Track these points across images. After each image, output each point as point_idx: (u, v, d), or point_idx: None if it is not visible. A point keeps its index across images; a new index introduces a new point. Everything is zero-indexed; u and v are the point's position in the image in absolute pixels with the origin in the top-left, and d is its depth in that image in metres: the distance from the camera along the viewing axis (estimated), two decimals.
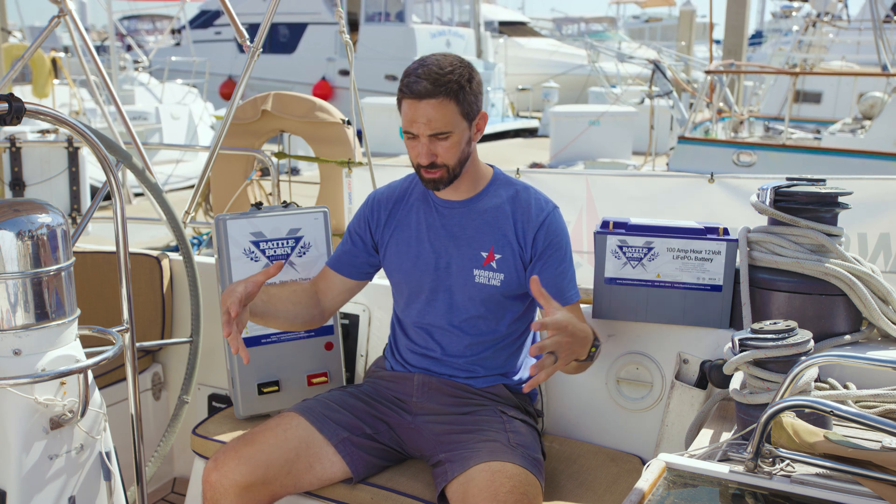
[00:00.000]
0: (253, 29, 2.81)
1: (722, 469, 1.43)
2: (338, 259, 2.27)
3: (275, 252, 2.45)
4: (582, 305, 2.18)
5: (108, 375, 2.73)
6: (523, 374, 2.22)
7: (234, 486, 1.94)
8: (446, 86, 1.93)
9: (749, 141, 10.51)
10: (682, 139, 9.84)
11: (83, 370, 1.69)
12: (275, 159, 4.25)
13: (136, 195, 7.20)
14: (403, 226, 2.18)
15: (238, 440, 2.03)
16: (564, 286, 2.09)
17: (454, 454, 1.98)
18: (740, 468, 1.42)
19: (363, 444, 2.08)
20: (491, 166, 2.20)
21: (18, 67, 3.12)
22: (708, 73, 10.98)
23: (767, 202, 2.09)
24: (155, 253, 3.02)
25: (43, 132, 6.10)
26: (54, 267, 1.69)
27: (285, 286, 2.34)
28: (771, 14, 36.05)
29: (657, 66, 12.28)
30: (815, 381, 1.82)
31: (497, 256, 2.09)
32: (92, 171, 5.56)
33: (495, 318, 2.13)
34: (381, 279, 2.37)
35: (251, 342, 2.45)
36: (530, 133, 20.44)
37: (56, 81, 11.65)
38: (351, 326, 2.73)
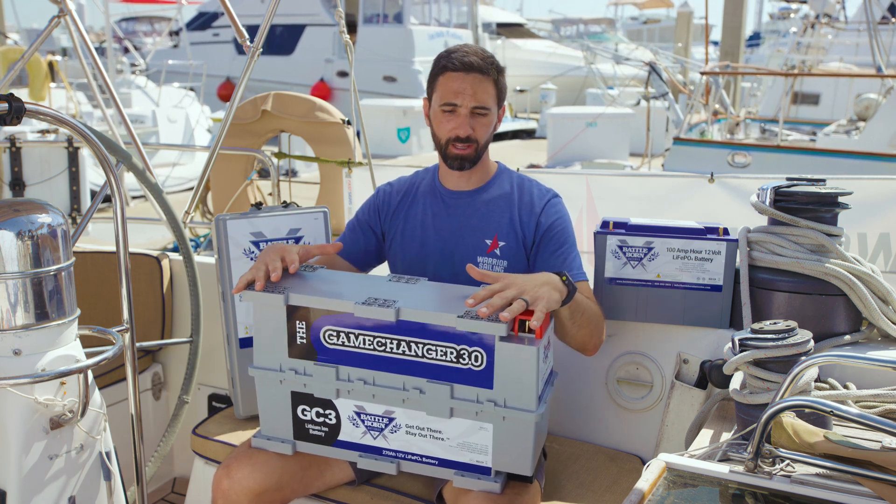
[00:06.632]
0: (251, 30, 2.81)
1: (722, 469, 1.43)
2: (343, 242, 2.26)
3: None
4: None
5: (108, 375, 2.73)
6: None
7: (247, 493, 1.91)
8: (492, 66, 2.05)
9: (744, 142, 10.53)
10: (678, 140, 9.86)
11: (83, 370, 1.69)
12: (275, 159, 4.25)
13: (134, 198, 7.19)
14: (410, 216, 2.22)
15: (249, 445, 2.00)
16: (565, 267, 2.08)
17: None
18: (740, 468, 1.42)
19: None
20: (495, 162, 2.25)
21: (18, 68, 3.11)
22: (703, 74, 11.01)
23: (767, 202, 2.09)
24: (155, 253, 3.02)
25: (43, 132, 6.10)
26: (54, 267, 1.68)
27: None
28: (769, 15, 36.15)
29: (653, 68, 12.31)
30: (815, 381, 1.82)
31: (501, 244, 2.12)
32: (91, 176, 5.55)
33: None
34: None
35: (250, 343, 2.44)
36: (528, 134, 20.41)
37: (52, 85, 11.62)
38: None
